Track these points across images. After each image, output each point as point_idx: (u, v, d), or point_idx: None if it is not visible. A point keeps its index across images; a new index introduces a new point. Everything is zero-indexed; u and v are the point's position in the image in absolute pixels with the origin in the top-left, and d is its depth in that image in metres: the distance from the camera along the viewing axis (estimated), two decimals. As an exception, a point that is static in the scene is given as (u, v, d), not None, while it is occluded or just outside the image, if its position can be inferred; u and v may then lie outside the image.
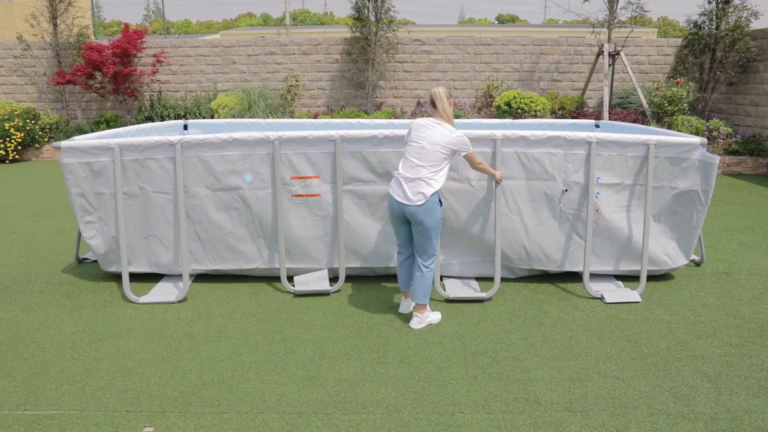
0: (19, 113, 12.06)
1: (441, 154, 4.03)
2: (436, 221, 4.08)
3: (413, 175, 4.01)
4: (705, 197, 4.87)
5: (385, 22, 12.48)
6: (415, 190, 3.99)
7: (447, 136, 4.03)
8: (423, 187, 3.98)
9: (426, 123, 4.11)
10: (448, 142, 4.02)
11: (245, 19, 77.92)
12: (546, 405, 3.28)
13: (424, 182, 3.98)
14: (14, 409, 3.26)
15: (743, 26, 11.15)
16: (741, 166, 10.71)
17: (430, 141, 4.03)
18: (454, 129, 4.09)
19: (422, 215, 4.00)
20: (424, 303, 4.22)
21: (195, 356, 3.84)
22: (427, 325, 4.28)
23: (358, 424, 3.11)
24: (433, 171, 4.01)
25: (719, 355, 3.84)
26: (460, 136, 4.07)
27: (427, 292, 4.20)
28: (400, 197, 4.03)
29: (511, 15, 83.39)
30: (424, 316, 4.26)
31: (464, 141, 4.09)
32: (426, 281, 4.19)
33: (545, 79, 13.36)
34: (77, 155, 4.73)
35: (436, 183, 4.01)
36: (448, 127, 4.08)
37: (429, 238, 4.11)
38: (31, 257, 5.91)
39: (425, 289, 4.19)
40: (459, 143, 4.07)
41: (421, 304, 4.22)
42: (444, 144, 4.02)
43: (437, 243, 4.20)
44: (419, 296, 4.19)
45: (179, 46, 13.52)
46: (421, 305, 4.23)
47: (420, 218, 4.01)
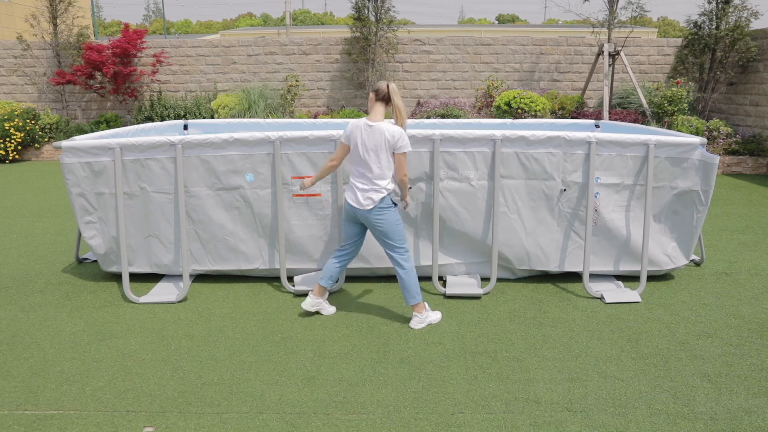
0: (19, 113, 12.06)
1: (382, 157, 3.95)
2: (393, 222, 4.03)
3: (364, 183, 3.99)
4: (705, 197, 4.87)
5: (385, 22, 12.48)
6: (366, 195, 3.98)
7: (385, 134, 3.92)
8: (372, 193, 3.96)
9: (362, 126, 4.00)
10: (388, 138, 3.92)
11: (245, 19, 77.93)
12: (546, 405, 3.28)
13: (375, 189, 3.96)
14: (14, 409, 3.26)
15: (743, 26, 11.15)
16: (741, 166, 10.71)
17: (369, 146, 3.95)
18: (392, 127, 3.95)
19: (373, 219, 4.00)
20: (417, 302, 4.19)
21: (195, 356, 3.84)
22: (427, 324, 4.27)
23: (358, 424, 3.11)
24: (382, 174, 3.96)
25: (719, 355, 3.84)
26: (399, 132, 3.94)
27: (414, 290, 4.15)
28: (353, 201, 4.03)
29: (511, 15, 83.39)
30: (424, 315, 4.24)
31: (404, 139, 3.97)
32: (407, 280, 4.14)
33: (545, 79, 13.36)
34: (78, 155, 4.73)
35: (384, 187, 3.97)
36: (384, 127, 3.93)
37: (390, 240, 4.07)
38: (31, 257, 5.91)
39: (410, 287, 4.14)
40: (398, 140, 3.93)
41: (415, 303, 4.19)
42: (382, 145, 3.93)
43: (402, 240, 4.11)
44: (408, 296, 4.17)
45: (179, 46, 13.52)
46: (417, 304, 4.21)
47: (372, 222, 4.01)
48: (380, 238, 4.12)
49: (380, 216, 4.00)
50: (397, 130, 3.95)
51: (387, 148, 3.95)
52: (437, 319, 4.33)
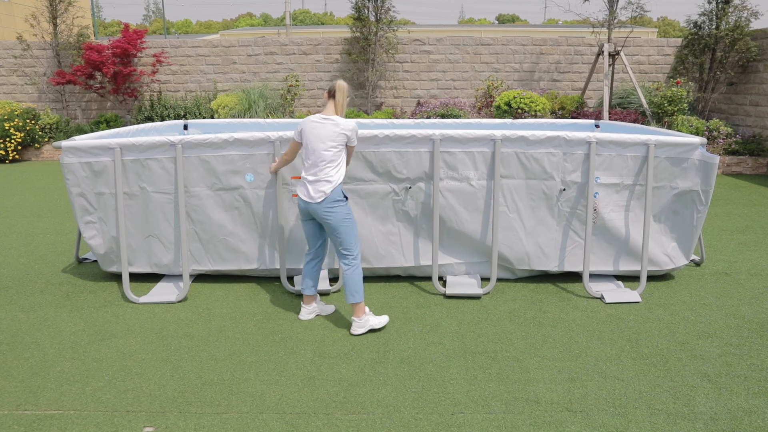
0: (19, 113, 12.06)
1: (335, 149, 3.99)
2: (342, 216, 4.01)
3: (314, 176, 4.01)
4: (705, 197, 4.87)
5: (385, 22, 12.48)
6: (317, 188, 3.99)
7: (336, 128, 3.98)
8: (323, 185, 3.98)
9: (314, 119, 4.05)
10: (340, 132, 3.98)
11: (245, 19, 77.94)
12: (546, 405, 3.28)
13: (324, 180, 3.98)
14: (14, 409, 3.26)
15: (743, 26, 11.15)
16: (741, 166, 10.71)
17: (321, 138, 3.99)
18: (344, 119, 4.03)
19: (323, 212, 4.00)
20: (357, 301, 4.09)
21: (195, 356, 3.84)
22: (368, 330, 4.15)
23: (358, 424, 3.11)
24: (330, 167, 3.99)
25: (719, 355, 3.84)
26: (352, 125, 4.03)
27: (356, 290, 4.07)
28: (305, 196, 4.05)
29: (511, 15, 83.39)
30: (363, 320, 4.11)
31: (356, 130, 4.07)
32: (351, 278, 4.07)
33: (545, 79, 13.36)
34: (78, 155, 4.73)
35: (334, 178, 3.99)
36: (337, 120, 4.01)
37: (339, 234, 4.04)
38: (31, 257, 5.91)
39: (352, 286, 4.07)
40: (351, 131, 4.02)
41: (354, 302, 4.09)
42: (335, 137, 3.98)
43: (354, 238, 4.08)
44: (348, 295, 4.09)
45: (179, 46, 13.53)
46: (358, 306, 4.10)
47: (322, 215, 4.01)
48: (330, 233, 4.08)
49: (330, 209, 3.98)
50: (350, 123, 4.04)
51: (340, 139, 3.99)
52: (381, 323, 4.18)
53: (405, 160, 4.75)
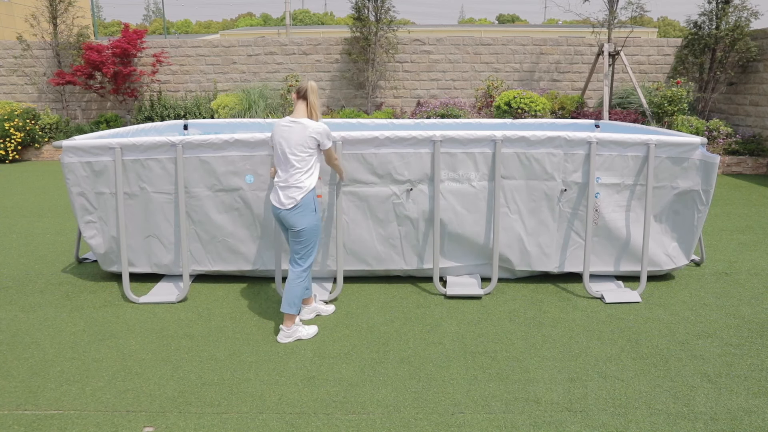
0: (19, 113, 12.06)
1: (304, 153, 3.90)
2: (311, 226, 3.95)
3: (284, 182, 3.94)
4: (706, 197, 4.87)
5: (385, 22, 12.48)
6: (287, 194, 3.92)
7: (305, 131, 3.88)
8: (293, 192, 3.90)
9: (284, 123, 3.96)
10: (309, 136, 3.87)
11: (245, 19, 77.93)
12: (546, 405, 3.28)
13: (295, 187, 3.90)
14: (14, 409, 3.26)
15: (743, 26, 11.15)
16: (741, 166, 10.71)
17: (290, 142, 3.90)
18: (313, 122, 3.92)
19: (292, 219, 3.92)
20: (290, 313, 4.01)
21: (195, 356, 3.84)
22: (296, 339, 4.06)
23: (358, 424, 3.11)
24: (300, 173, 3.91)
25: (719, 355, 3.84)
26: (321, 128, 3.92)
27: (294, 302, 4.00)
28: (276, 201, 3.98)
29: (511, 15, 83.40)
30: (292, 330, 4.04)
31: (327, 132, 3.95)
32: (294, 290, 4.00)
33: (545, 79, 13.36)
34: (78, 155, 4.73)
35: (306, 184, 3.91)
36: (306, 122, 3.90)
37: (302, 243, 3.97)
38: (31, 257, 5.91)
39: (291, 298, 3.99)
40: (322, 134, 3.91)
41: (288, 314, 4.02)
42: (305, 141, 3.88)
43: (313, 252, 4.03)
44: (285, 304, 4.00)
45: (179, 46, 13.53)
46: (289, 316, 4.02)
47: (291, 222, 3.94)
48: (292, 238, 4.01)
49: (299, 215, 3.92)
50: (319, 125, 3.92)
51: (310, 143, 3.90)
52: (310, 334, 4.11)
53: (406, 161, 4.75)
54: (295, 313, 4.03)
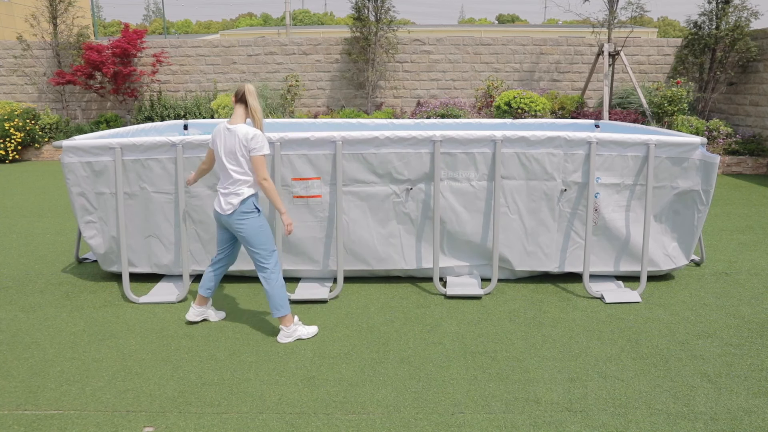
0: (19, 113, 12.06)
1: (242, 159, 3.83)
2: (254, 229, 3.89)
3: (225, 188, 3.90)
4: (706, 197, 4.87)
5: (385, 22, 12.48)
6: (227, 200, 3.89)
7: (235, 138, 3.80)
8: (232, 198, 3.86)
9: (221, 130, 3.90)
10: (240, 143, 3.80)
11: (245, 19, 77.93)
12: (546, 405, 3.28)
13: (234, 193, 3.86)
14: (14, 409, 3.26)
15: (743, 26, 11.15)
16: (741, 166, 10.71)
17: (227, 149, 3.84)
18: (244, 127, 3.82)
19: (234, 224, 3.89)
20: (283, 314, 3.99)
21: (195, 356, 3.84)
22: (296, 339, 4.05)
23: (358, 424, 3.11)
24: (243, 178, 3.85)
25: (719, 355, 3.85)
26: (252, 133, 3.80)
27: (279, 303, 3.97)
28: (218, 206, 3.95)
29: (511, 15, 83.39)
30: (291, 329, 4.03)
31: (257, 140, 3.80)
32: (270, 291, 3.96)
33: (545, 79, 13.36)
34: (78, 155, 4.73)
35: (246, 190, 3.86)
36: (242, 129, 3.80)
37: (252, 246, 3.92)
38: (31, 257, 5.91)
39: (275, 299, 3.96)
40: (248, 142, 3.79)
41: (281, 316, 4.00)
42: (238, 149, 3.81)
43: (268, 250, 3.96)
44: (273, 309, 3.98)
45: (179, 46, 13.53)
46: (284, 317, 4.01)
47: (235, 227, 3.91)
48: (244, 245, 3.98)
49: (241, 221, 3.86)
50: (251, 131, 3.81)
51: (243, 151, 3.81)
52: (310, 333, 4.09)
53: (406, 161, 4.75)
54: (288, 313, 4.01)
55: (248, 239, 3.92)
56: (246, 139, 3.79)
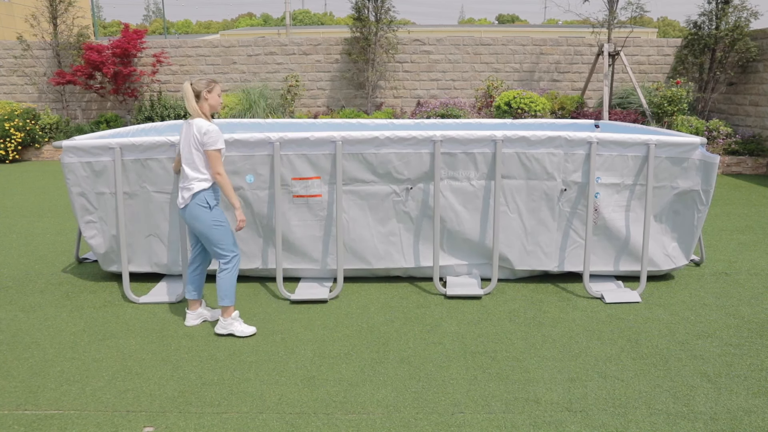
0: (19, 113, 12.06)
1: (195, 154, 3.89)
2: (208, 222, 3.92)
3: (182, 181, 3.96)
4: (706, 197, 4.88)
5: (385, 22, 12.49)
6: (181, 194, 3.96)
7: (195, 133, 3.87)
8: (185, 192, 3.93)
9: (184, 123, 4.00)
10: (195, 134, 3.87)
11: (245, 19, 77.93)
12: (546, 405, 3.28)
13: (187, 187, 3.92)
14: (14, 409, 3.26)
15: (743, 26, 11.15)
16: (741, 166, 10.71)
17: (184, 143, 3.94)
18: (201, 121, 3.89)
19: (188, 218, 3.95)
20: (225, 305, 4.05)
21: (195, 356, 3.84)
22: (229, 333, 4.09)
23: (358, 424, 3.11)
24: (195, 172, 3.91)
25: (719, 355, 3.85)
26: (205, 131, 3.84)
27: (225, 294, 4.02)
28: (178, 201, 4.01)
29: (511, 15, 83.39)
30: (227, 321, 4.08)
31: (210, 136, 3.83)
32: (222, 282, 4.01)
33: (545, 79, 13.36)
34: (78, 155, 4.73)
35: (197, 184, 3.90)
36: (197, 123, 3.87)
37: (209, 240, 3.97)
38: (31, 257, 5.91)
39: (222, 290, 4.02)
40: (201, 136, 3.84)
41: (224, 306, 4.05)
42: (192, 142, 3.88)
43: (226, 244, 4.00)
44: (219, 297, 4.05)
45: (179, 46, 13.53)
46: (225, 308, 4.06)
47: (188, 221, 3.97)
48: (201, 239, 4.03)
49: (193, 214, 3.92)
50: (205, 125, 3.86)
51: (196, 145, 3.88)
52: (246, 332, 4.09)
53: (406, 161, 4.76)
54: (229, 305, 4.06)
55: (202, 233, 3.96)
56: (199, 133, 3.84)
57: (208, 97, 3.95)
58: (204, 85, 3.93)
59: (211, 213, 3.94)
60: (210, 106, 3.98)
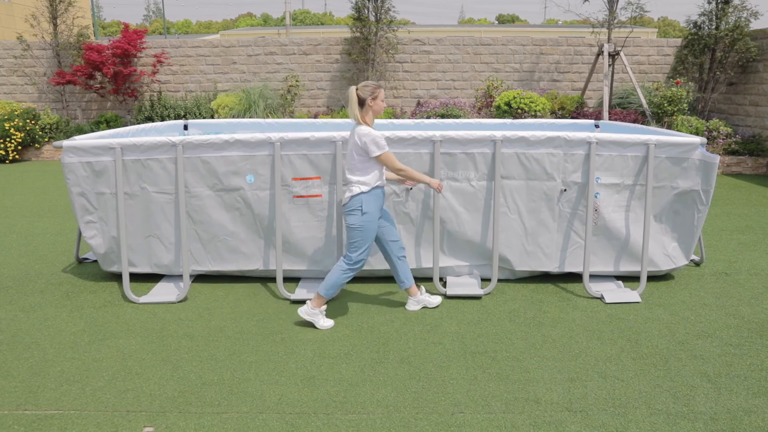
0: (19, 113, 12.06)
1: (357, 158, 4.02)
2: (356, 224, 4.06)
3: (345, 181, 4.14)
4: (706, 197, 4.88)
5: (385, 22, 12.49)
6: (345, 194, 4.12)
7: (358, 139, 3.99)
8: (347, 192, 4.10)
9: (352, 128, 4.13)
10: (357, 144, 3.99)
11: (245, 19, 77.93)
12: (546, 405, 3.28)
13: (348, 189, 4.09)
14: (14, 409, 3.26)
15: (743, 26, 11.15)
16: (741, 166, 10.71)
17: (349, 147, 4.10)
18: (366, 130, 3.99)
19: (345, 216, 4.15)
20: (321, 294, 4.17)
21: (195, 356, 3.84)
22: (309, 320, 4.22)
23: (358, 424, 3.11)
24: (356, 175, 4.06)
25: (719, 355, 3.85)
26: (367, 138, 3.95)
27: (329, 286, 4.15)
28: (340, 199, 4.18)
29: (511, 15, 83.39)
30: (315, 311, 4.21)
31: (373, 141, 3.95)
32: (333, 276, 4.16)
33: (545, 79, 13.36)
34: (79, 155, 4.73)
35: (357, 187, 4.04)
36: (359, 130, 3.99)
37: (351, 239, 4.12)
38: (31, 257, 5.91)
39: (329, 281, 4.15)
40: (365, 144, 3.96)
41: (318, 294, 4.18)
42: (355, 148, 4.02)
43: (360, 252, 4.13)
44: (322, 285, 4.18)
45: (179, 46, 13.53)
46: (318, 298, 4.19)
47: (345, 218, 4.15)
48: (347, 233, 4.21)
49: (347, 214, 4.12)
50: (366, 131, 4.01)
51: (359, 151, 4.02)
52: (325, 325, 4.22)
53: (406, 161, 4.75)
54: (324, 297, 4.19)
55: (349, 230, 4.15)
56: (361, 140, 3.99)
57: (372, 105, 4.06)
58: (369, 92, 4.04)
59: (360, 218, 4.08)
60: (374, 113, 4.09)
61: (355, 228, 4.10)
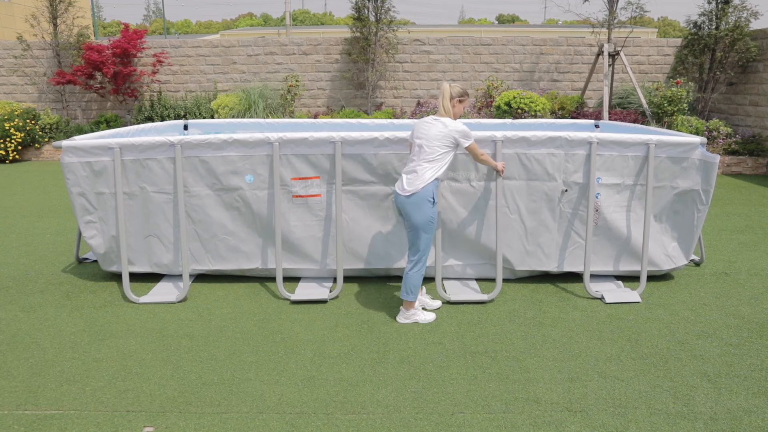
0: (19, 113, 12.06)
1: (439, 149, 4.08)
2: (425, 219, 4.08)
3: (410, 169, 4.14)
4: (706, 197, 4.88)
5: (385, 22, 12.48)
6: (410, 180, 4.09)
7: (443, 129, 4.08)
8: (415, 179, 4.07)
9: (426, 119, 4.20)
10: (445, 134, 4.07)
11: (245, 19, 77.92)
12: (546, 405, 3.28)
13: (417, 174, 4.07)
14: (14, 409, 3.26)
15: (743, 26, 11.15)
16: (741, 166, 10.71)
17: (428, 137, 4.10)
18: (452, 122, 4.13)
19: (409, 207, 4.09)
20: (408, 299, 4.27)
21: (195, 356, 3.84)
22: (413, 321, 4.32)
23: (358, 424, 3.11)
24: (429, 165, 4.08)
25: (719, 355, 3.85)
26: (458, 128, 4.11)
27: (410, 290, 4.25)
28: (398, 188, 4.14)
29: (511, 15, 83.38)
30: (410, 312, 4.32)
31: (464, 132, 4.13)
32: (412, 279, 4.23)
33: (545, 79, 13.36)
34: (78, 155, 4.73)
35: (429, 176, 4.06)
36: (444, 121, 4.11)
37: (415, 234, 4.14)
38: (31, 257, 5.91)
39: (407, 286, 4.25)
40: (458, 134, 4.10)
41: (406, 300, 4.29)
42: (441, 137, 4.07)
43: (427, 246, 4.19)
44: (402, 292, 4.28)
45: (179, 46, 13.53)
46: (407, 302, 4.30)
47: (407, 210, 4.10)
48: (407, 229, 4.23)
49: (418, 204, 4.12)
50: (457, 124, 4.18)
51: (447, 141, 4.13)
52: (427, 320, 4.34)
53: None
54: (412, 300, 4.27)
55: (414, 225, 4.12)
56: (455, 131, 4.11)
57: (456, 105, 4.19)
58: (458, 93, 4.19)
59: (432, 208, 4.10)
60: (454, 114, 4.22)
61: (428, 221, 4.08)
